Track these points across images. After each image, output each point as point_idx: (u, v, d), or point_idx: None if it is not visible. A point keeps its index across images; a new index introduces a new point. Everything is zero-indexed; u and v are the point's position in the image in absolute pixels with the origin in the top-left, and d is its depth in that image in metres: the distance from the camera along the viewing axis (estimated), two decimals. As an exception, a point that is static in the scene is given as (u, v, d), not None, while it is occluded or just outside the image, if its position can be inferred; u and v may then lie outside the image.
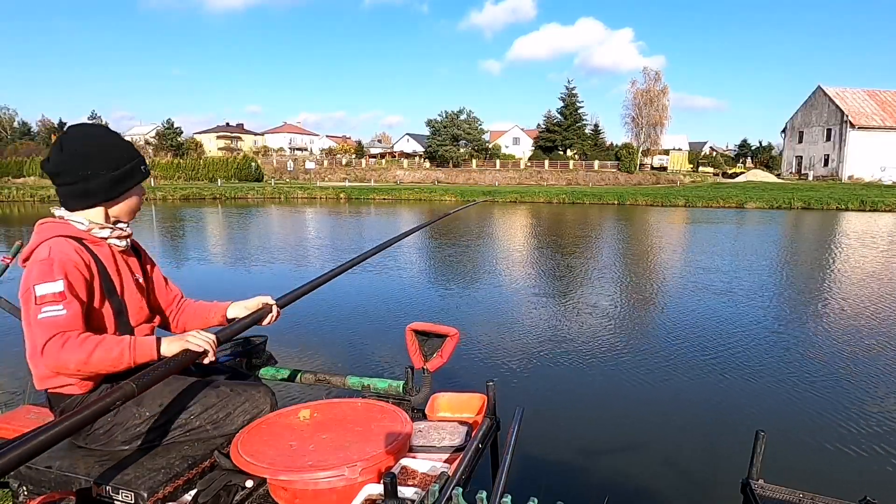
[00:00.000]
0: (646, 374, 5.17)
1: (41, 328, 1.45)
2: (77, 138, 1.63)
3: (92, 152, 1.62)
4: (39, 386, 1.65)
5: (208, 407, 1.73)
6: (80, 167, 1.60)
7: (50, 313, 1.45)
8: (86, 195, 1.64)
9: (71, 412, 1.24)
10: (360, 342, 6.09)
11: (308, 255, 13.37)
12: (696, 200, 32.83)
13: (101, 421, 1.61)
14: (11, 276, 2.69)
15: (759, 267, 11.57)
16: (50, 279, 1.48)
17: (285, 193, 40.11)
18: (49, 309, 1.46)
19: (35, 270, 1.51)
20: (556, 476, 3.46)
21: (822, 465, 3.62)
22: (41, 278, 1.48)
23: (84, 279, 1.56)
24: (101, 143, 1.65)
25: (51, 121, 77.34)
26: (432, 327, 2.17)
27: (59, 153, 1.61)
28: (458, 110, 65.91)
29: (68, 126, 1.73)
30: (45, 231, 1.61)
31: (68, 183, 1.62)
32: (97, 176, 1.62)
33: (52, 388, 1.64)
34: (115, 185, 1.66)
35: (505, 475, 1.52)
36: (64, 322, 1.46)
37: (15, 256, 2.69)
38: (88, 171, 1.61)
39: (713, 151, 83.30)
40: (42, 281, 1.48)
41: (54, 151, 1.61)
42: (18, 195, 34.98)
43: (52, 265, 1.51)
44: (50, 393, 1.65)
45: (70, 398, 1.63)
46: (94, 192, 1.64)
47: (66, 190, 1.63)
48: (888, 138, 46.57)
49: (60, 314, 1.46)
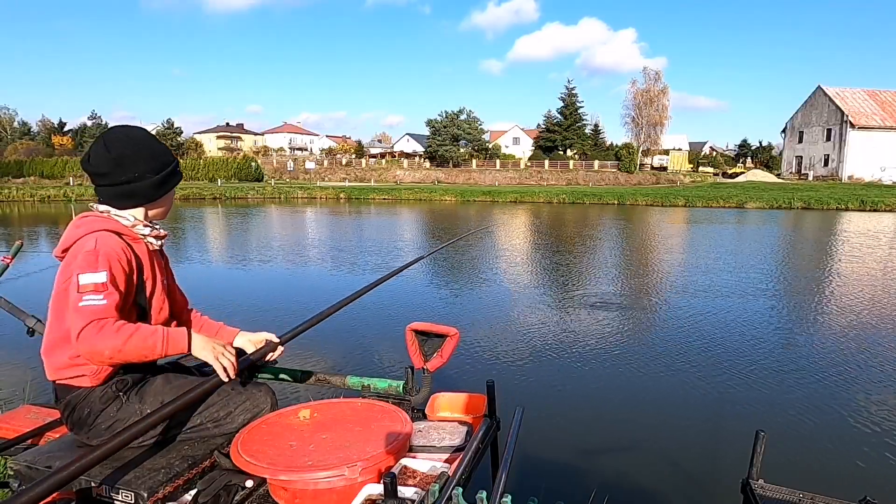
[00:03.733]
0: (646, 374, 5.17)
1: (80, 315, 1.48)
2: (122, 140, 1.67)
3: (137, 155, 1.67)
4: (51, 376, 1.66)
5: (210, 405, 1.75)
6: (126, 169, 1.66)
7: (90, 302, 1.49)
8: (131, 195, 1.69)
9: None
10: (360, 342, 6.09)
11: (308, 255, 13.37)
12: (696, 200, 32.84)
13: (103, 416, 1.64)
14: (11, 277, 2.68)
15: (759, 267, 11.57)
16: (94, 269, 1.53)
17: (285, 193, 40.12)
18: (90, 298, 1.50)
19: (80, 259, 1.55)
20: (556, 476, 3.47)
21: (822, 465, 3.63)
22: (86, 268, 1.53)
23: (125, 273, 1.62)
24: (145, 147, 1.70)
25: (51, 121, 77.43)
26: (432, 327, 2.16)
27: (104, 153, 1.65)
28: (459, 110, 65.93)
29: (111, 127, 1.78)
30: (90, 224, 1.65)
31: (114, 183, 1.67)
32: (143, 178, 1.68)
33: (63, 380, 1.65)
34: (157, 188, 1.73)
35: (505, 475, 1.52)
36: (103, 311, 1.50)
37: (15, 256, 2.68)
38: (135, 174, 1.67)
39: (713, 151, 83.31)
40: (87, 270, 1.53)
41: (98, 151, 1.65)
42: (18, 195, 35.01)
43: (98, 256, 1.56)
44: (58, 385, 1.67)
45: (78, 391, 1.65)
46: (139, 193, 1.70)
47: (111, 190, 1.68)
48: (888, 138, 46.57)
49: (101, 304, 1.50)
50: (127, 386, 1.70)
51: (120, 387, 1.68)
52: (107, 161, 1.64)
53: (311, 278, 10.49)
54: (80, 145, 65.18)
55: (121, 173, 1.65)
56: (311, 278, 10.49)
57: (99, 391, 1.65)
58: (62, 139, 68.26)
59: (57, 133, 72.09)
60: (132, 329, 1.52)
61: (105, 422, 1.65)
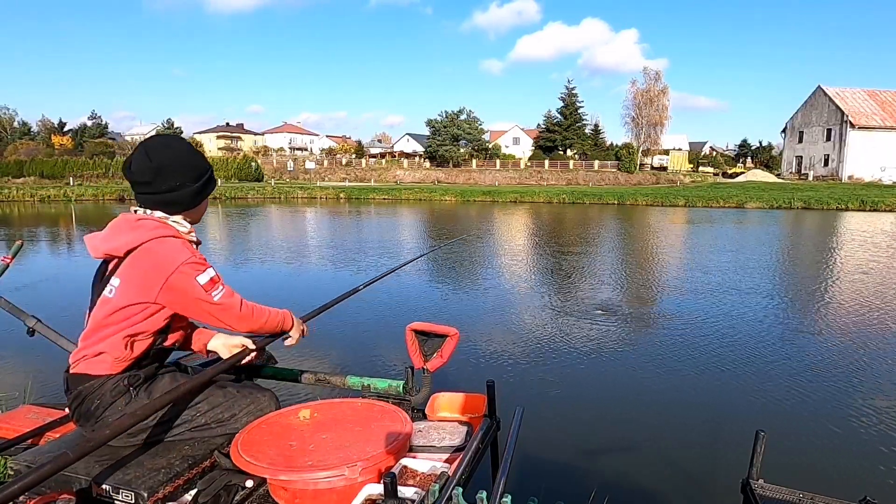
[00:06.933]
0: (646, 374, 5.17)
1: (223, 307, 1.72)
2: (162, 150, 1.75)
3: (177, 164, 1.76)
4: (73, 362, 1.73)
5: (215, 406, 1.80)
6: (167, 178, 1.74)
7: (219, 294, 1.71)
8: (173, 203, 1.78)
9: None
10: (360, 342, 6.09)
11: (308, 255, 13.37)
12: (696, 200, 32.84)
13: (111, 409, 1.68)
14: (11, 277, 2.68)
15: (759, 267, 11.57)
16: (202, 269, 1.70)
17: (285, 193, 40.11)
18: (216, 292, 1.71)
19: (184, 268, 1.68)
20: (556, 476, 3.47)
21: (822, 465, 3.63)
22: (194, 270, 1.69)
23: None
24: (184, 156, 1.79)
25: (51, 121, 77.37)
26: (432, 327, 2.16)
27: (146, 162, 1.72)
28: (459, 110, 65.90)
29: (152, 136, 1.86)
30: (153, 228, 1.72)
31: (157, 192, 1.75)
32: (183, 187, 1.77)
33: (80, 369, 1.71)
34: (195, 196, 1.82)
35: (505, 475, 1.52)
36: (232, 295, 1.74)
37: (15, 256, 2.68)
38: (177, 183, 1.75)
39: (713, 151, 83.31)
40: (196, 272, 1.69)
41: (140, 160, 1.72)
42: (18, 195, 34.99)
43: (195, 258, 1.72)
44: (72, 374, 1.72)
45: (91, 382, 1.70)
46: (180, 201, 1.79)
47: (153, 197, 1.76)
48: (888, 138, 46.56)
49: (225, 292, 1.73)
50: (138, 381, 1.74)
51: (132, 381, 1.73)
52: (149, 170, 1.72)
53: (310, 278, 10.49)
54: (80, 145, 65.07)
55: (162, 182, 1.73)
56: (311, 278, 10.49)
57: (111, 384, 1.69)
58: (62, 139, 68.16)
59: (57, 133, 72.02)
60: (257, 306, 1.82)
61: (112, 415, 1.68)
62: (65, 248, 14.80)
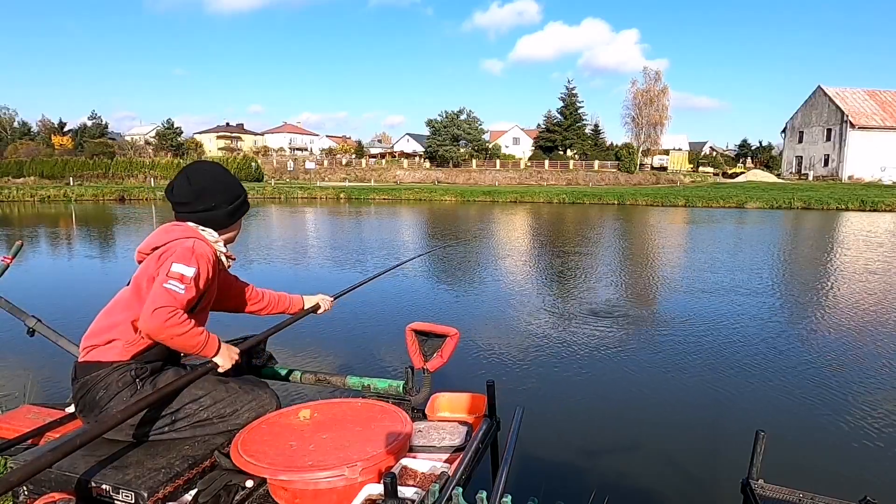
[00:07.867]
0: (646, 374, 5.17)
1: (162, 295, 1.69)
2: (202, 174, 1.95)
3: (214, 188, 1.95)
4: (83, 348, 1.80)
5: (218, 401, 1.82)
6: (204, 200, 1.93)
7: (173, 287, 1.71)
8: (207, 221, 1.95)
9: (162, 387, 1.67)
10: (360, 342, 6.09)
11: (308, 254, 13.37)
12: (696, 200, 32.83)
13: (116, 400, 1.72)
14: (11, 277, 2.68)
15: (759, 266, 11.57)
16: (187, 263, 1.76)
17: (285, 193, 40.11)
18: (174, 284, 1.72)
19: (179, 251, 1.78)
20: (556, 476, 3.46)
21: (822, 465, 3.62)
22: (181, 259, 1.76)
23: (206, 277, 1.85)
24: (221, 181, 1.99)
25: (51, 121, 77.33)
26: (432, 327, 2.17)
27: (186, 185, 1.92)
28: (459, 110, 65.91)
29: (193, 162, 2.09)
30: (186, 230, 1.88)
31: (194, 211, 1.93)
32: (218, 208, 1.96)
33: (90, 357, 1.77)
34: (229, 216, 2.01)
35: (505, 475, 1.52)
36: (179, 300, 1.72)
37: (15, 256, 2.68)
38: (212, 204, 1.95)
39: (713, 151, 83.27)
40: (181, 262, 1.76)
41: (181, 183, 1.92)
42: (18, 195, 34.97)
43: (193, 254, 1.79)
44: (81, 363, 1.78)
45: (99, 371, 1.75)
46: (213, 220, 1.96)
47: (190, 216, 1.93)
48: (888, 138, 46.56)
49: (180, 292, 1.72)
50: (144, 374, 1.78)
51: (139, 373, 1.77)
52: (188, 192, 1.91)
53: (311, 277, 10.49)
54: (80, 145, 65.03)
55: (199, 203, 1.92)
56: (312, 277, 10.49)
57: (118, 374, 1.74)
58: (62, 139, 68.13)
59: (57, 133, 71.97)
60: (190, 325, 1.74)
61: (117, 406, 1.70)
62: (65, 248, 14.79)
